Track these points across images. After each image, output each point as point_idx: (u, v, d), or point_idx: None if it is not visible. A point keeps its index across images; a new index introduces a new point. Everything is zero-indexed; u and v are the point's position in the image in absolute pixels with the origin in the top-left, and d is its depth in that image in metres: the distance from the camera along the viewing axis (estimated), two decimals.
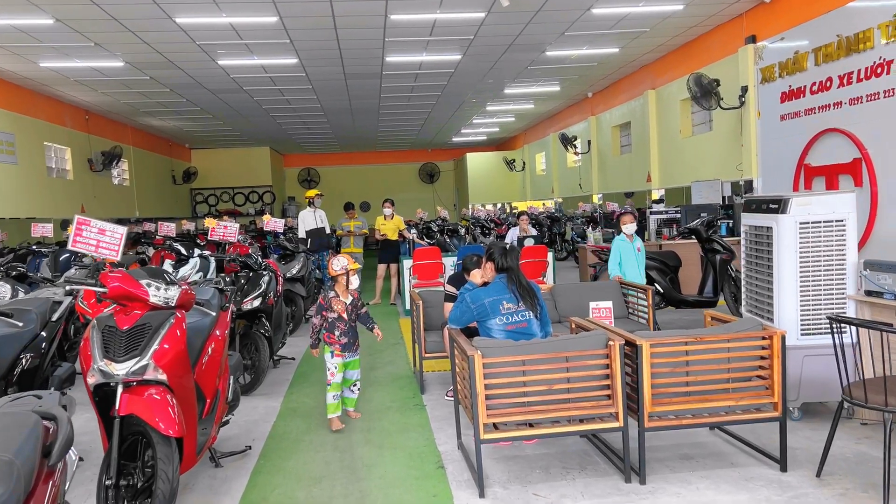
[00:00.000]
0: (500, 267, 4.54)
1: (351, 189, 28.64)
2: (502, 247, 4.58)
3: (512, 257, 4.52)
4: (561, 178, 21.77)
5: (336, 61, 12.75)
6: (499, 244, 4.62)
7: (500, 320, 4.39)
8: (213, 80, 13.86)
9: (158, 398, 3.67)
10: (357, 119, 20.18)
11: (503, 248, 4.57)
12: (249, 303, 6.59)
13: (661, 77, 14.10)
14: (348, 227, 12.80)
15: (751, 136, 10.76)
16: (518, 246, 11.29)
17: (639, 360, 3.97)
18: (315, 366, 7.58)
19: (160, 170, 22.47)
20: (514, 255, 4.53)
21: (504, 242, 4.56)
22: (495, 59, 13.12)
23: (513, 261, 4.51)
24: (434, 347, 6.18)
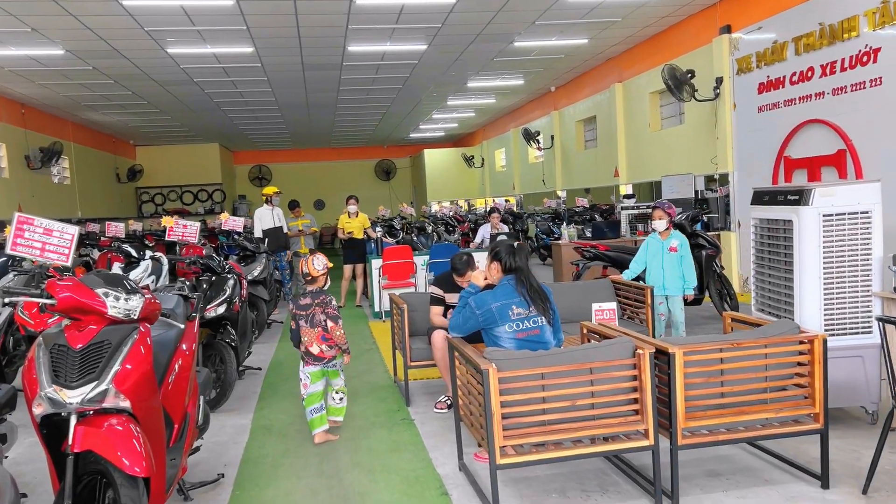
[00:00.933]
0: (507, 267, 4.06)
1: (304, 187, 27.87)
2: (509, 245, 4.10)
3: (521, 256, 4.05)
4: (522, 175, 21.45)
5: (295, 51, 12.09)
6: (505, 242, 4.15)
7: (510, 327, 3.91)
8: (161, 70, 13.04)
9: (121, 430, 3.08)
10: (313, 114, 19.47)
11: (510, 245, 4.10)
12: (213, 310, 5.97)
13: (628, 70, 13.84)
14: (296, 227, 12.19)
15: (726, 128, 10.53)
16: (490, 243, 10.87)
17: (671, 370, 3.54)
18: (284, 375, 6.99)
19: (103, 167, 21.34)
20: (523, 253, 4.07)
21: (511, 241, 4.04)
22: (461, 49, 12.65)
23: (522, 260, 4.05)
24: (420, 355, 5.68)
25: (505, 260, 4.06)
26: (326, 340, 4.99)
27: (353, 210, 11.25)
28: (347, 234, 11.17)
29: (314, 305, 5.01)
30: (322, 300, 5.04)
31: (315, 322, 4.98)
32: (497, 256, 4.10)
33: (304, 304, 5.06)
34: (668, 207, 6.81)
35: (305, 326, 5.00)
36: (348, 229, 11.17)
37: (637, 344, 3.61)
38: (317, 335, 4.98)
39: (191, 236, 7.77)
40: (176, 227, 7.64)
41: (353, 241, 11.24)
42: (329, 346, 5.00)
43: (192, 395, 4.09)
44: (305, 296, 5.09)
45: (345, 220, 11.30)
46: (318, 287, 5.11)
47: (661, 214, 6.88)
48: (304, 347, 5.02)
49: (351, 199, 11.36)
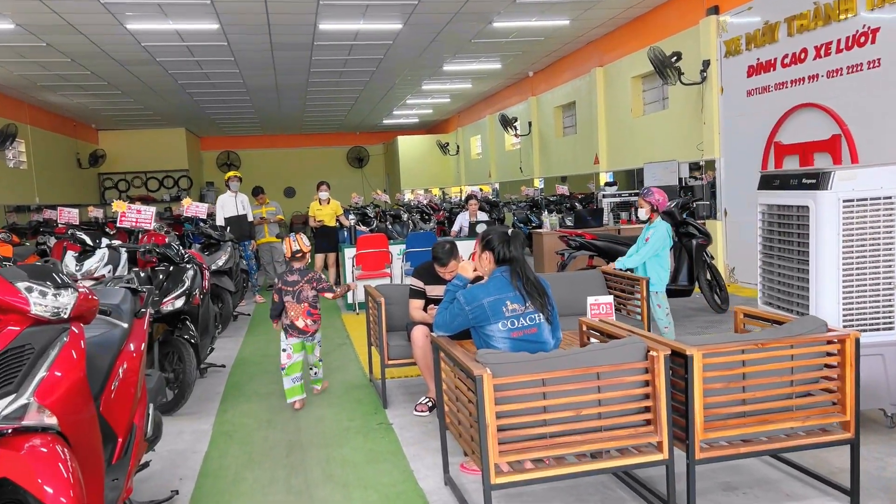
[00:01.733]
0: (501, 257, 3.60)
1: (274, 174, 27.16)
2: (502, 232, 3.63)
3: (516, 245, 3.59)
4: (499, 162, 21.01)
5: (263, 28, 11.47)
6: (497, 229, 3.68)
7: (504, 326, 3.45)
8: (120, 48, 12.33)
9: (45, 452, 2.56)
10: (283, 98, 18.80)
11: (504, 233, 3.63)
12: (171, 303, 5.43)
13: (609, 53, 13.44)
14: (260, 215, 11.62)
15: (713, 113, 10.17)
16: (469, 232, 10.41)
17: (688, 375, 3.12)
18: (250, 374, 6.47)
19: (63, 152, 20.44)
20: (518, 242, 3.60)
21: (504, 227, 3.58)
22: (438, 29, 12.13)
23: (517, 250, 3.59)
24: (399, 353, 5.20)
25: (498, 249, 3.59)
26: (311, 315, 5.39)
27: (324, 197, 10.71)
28: (318, 221, 10.65)
29: (302, 282, 5.37)
30: (310, 277, 5.40)
31: (302, 298, 5.36)
32: (489, 245, 3.63)
33: (292, 280, 5.40)
34: (647, 196, 6.41)
35: (292, 302, 5.35)
36: (319, 217, 10.64)
37: (650, 345, 3.17)
38: (303, 310, 5.37)
39: (145, 222, 7.17)
40: (128, 213, 7.03)
41: (324, 228, 10.72)
42: (313, 320, 5.41)
43: (141, 403, 3.57)
44: (293, 272, 5.42)
45: (316, 207, 10.76)
46: (305, 264, 5.51)
47: (641, 202, 6.49)
48: (288, 321, 5.36)
49: (322, 186, 10.81)
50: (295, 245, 5.44)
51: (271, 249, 11.97)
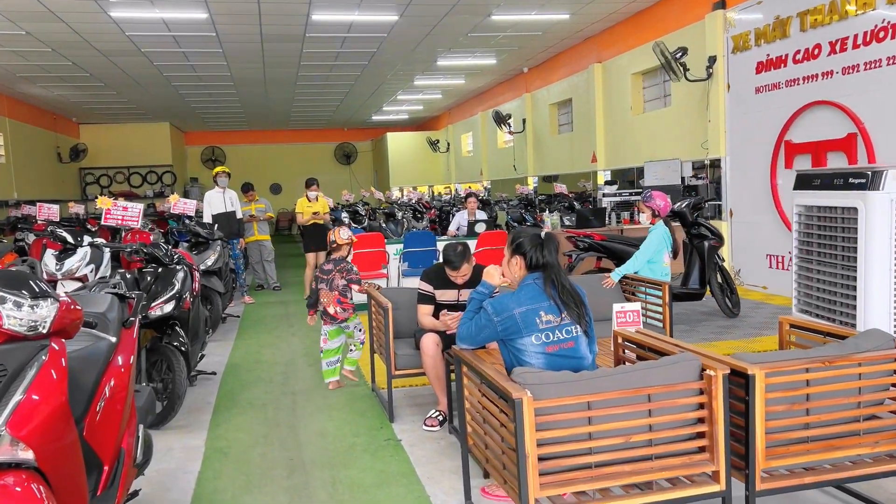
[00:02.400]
0: (533, 263, 3.25)
1: (260, 170, 26.62)
2: (535, 235, 3.28)
3: (550, 249, 3.24)
4: (491, 160, 20.67)
5: (253, 19, 11.04)
6: (528, 230, 3.32)
7: (537, 339, 3.10)
8: (104, 37, 11.84)
9: (18, 492, 2.19)
10: (271, 92, 18.34)
11: (536, 236, 3.28)
12: (160, 308, 5.03)
13: (608, 49, 13.13)
14: (249, 212, 11.22)
15: (718, 111, 9.89)
16: (468, 231, 10.06)
17: (749, 396, 2.79)
18: (243, 381, 6.08)
19: (43, 146, 19.83)
20: (552, 246, 3.26)
21: (537, 228, 3.22)
22: (435, 22, 11.75)
23: (552, 254, 3.24)
24: (406, 363, 4.84)
25: (530, 254, 3.24)
26: (341, 304, 5.62)
27: (313, 195, 10.35)
28: (312, 215, 10.26)
29: (335, 271, 5.67)
30: (342, 267, 5.70)
31: (333, 286, 5.63)
32: (520, 249, 3.28)
33: (327, 269, 5.72)
34: (647, 200, 6.20)
35: (325, 289, 5.64)
36: (308, 213, 10.26)
37: (705, 362, 2.84)
38: (333, 298, 5.62)
39: (132, 220, 6.75)
40: (114, 210, 6.61)
41: (316, 226, 10.34)
42: (343, 308, 5.64)
43: (129, 423, 3.19)
44: (328, 262, 5.76)
45: (305, 204, 10.37)
46: (342, 255, 5.77)
47: (642, 207, 6.24)
48: (322, 308, 5.64)
49: (313, 185, 10.43)
50: (332, 236, 5.83)
51: (260, 248, 11.56)
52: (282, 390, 5.81)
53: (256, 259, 11.70)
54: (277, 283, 11.81)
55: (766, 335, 6.90)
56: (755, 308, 8.24)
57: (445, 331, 4.68)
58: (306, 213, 10.32)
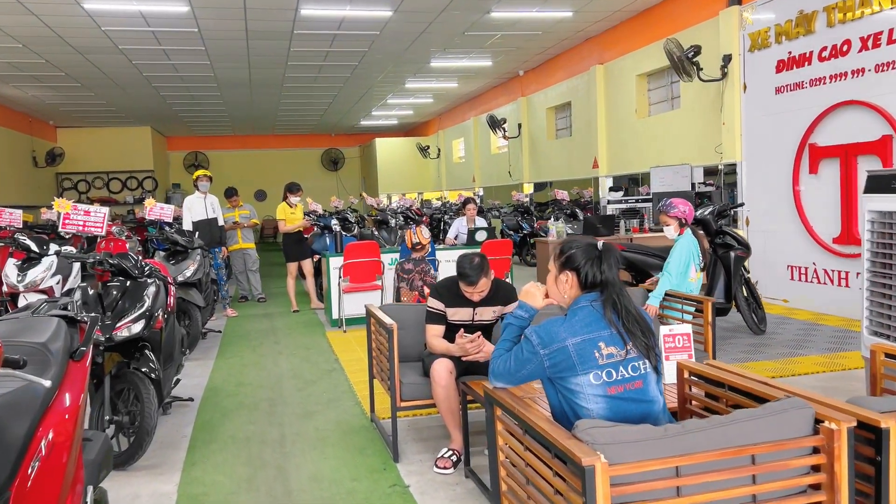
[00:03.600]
0: (589, 280, 2.59)
1: (244, 176, 25.75)
2: (590, 245, 2.62)
3: (610, 264, 2.59)
4: (484, 166, 20.05)
5: (238, 13, 10.37)
6: (580, 240, 2.67)
7: (597, 378, 2.44)
8: (78, 33, 11.12)
9: None
10: (256, 94, 17.63)
11: (591, 247, 2.62)
12: (126, 328, 4.33)
13: (610, 50, 12.57)
14: (233, 219, 10.55)
15: (734, 112, 9.32)
16: (467, 239, 9.41)
17: (882, 457, 2.15)
18: (224, 409, 5.38)
19: (17, 149, 18.98)
20: (612, 259, 2.60)
21: (590, 237, 2.54)
22: (431, 18, 11.13)
23: (611, 270, 2.59)
24: (414, 393, 4.17)
25: (585, 269, 2.58)
26: (420, 303, 5.36)
27: (295, 201, 9.72)
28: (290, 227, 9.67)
29: (414, 272, 5.94)
30: (421, 269, 5.94)
31: (413, 286, 5.90)
32: (572, 263, 2.62)
33: (408, 268, 6.06)
34: (669, 210, 5.54)
35: (406, 289, 5.91)
36: (290, 221, 9.64)
37: (821, 412, 2.20)
38: (413, 298, 5.87)
39: (95, 226, 6.02)
40: (74, 215, 5.87)
41: (297, 234, 9.76)
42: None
43: (73, 486, 2.50)
44: (409, 262, 6.01)
45: (287, 210, 9.71)
46: (422, 256, 6.03)
47: (665, 219, 5.58)
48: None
49: (299, 191, 9.82)
50: (415, 238, 6.03)
51: (244, 256, 10.86)
52: (268, 420, 5.11)
53: (240, 269, 10.99)
54: (262, 294, 11.11)
55: (801, 355, 6.30)
56: (780, 324, 7.65)
57: (461, 356, 4.03)
58: (290, 220, 9.67)
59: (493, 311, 4.26)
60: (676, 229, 5.36)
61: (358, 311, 8.60)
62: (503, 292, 4.27)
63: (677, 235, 5.38)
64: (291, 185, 9.91)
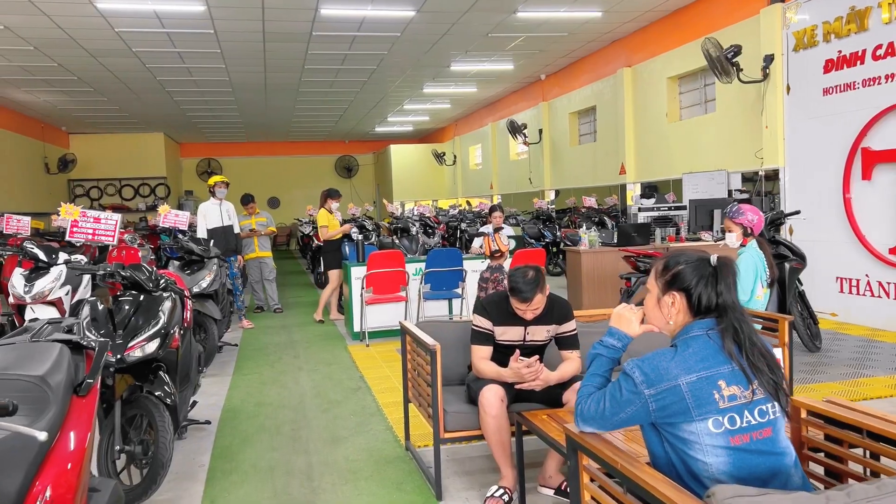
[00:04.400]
0: (703, 304, 2.14)
1: (258, 183, 25.36)
2: (701, 260, 2.17)
3: (727, 283, 2.13)
4: (502, 173, 19.63)
5: (255, 12, 10.00)
6: (688, 254, 2.21)
7: (718, 425, 1.98)
8: (90, 35, 10.78)
9: None
10: (271, 100, 17.29)
11: (703, 262, 2.16)
12: (140, 348, 3.90)
13: (639, 52, 12.13)
14: (249, 226, 10.16)
15: (776, 115, 8.85)
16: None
17: None
18: (244, 433, 4.94)
19: (29, 155, 18.73)
20: (729, 278, 2.14)
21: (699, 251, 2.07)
22: (455, 19, 10.73)
23: (730, 291, 2.13)
24: (460, 423, 3.72)
25: (698, 290, 2.13)
26: None
27: (335, 207, 9.38)
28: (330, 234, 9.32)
29: (490, 280, 6.01)
30: (495, 277, 5.95)
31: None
32: (681, 282, 2.17)
33: (486, 276, 6.19)
34: (736, 216, 4.97)
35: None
36: (332, 229, 9.28)
37: None
38: None
39: (106, 235, 5.60)
40: (83, 222, 5.47)
41: (335, 242, 9.41)
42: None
43: None
44: (487, 270, 6.05)
45: (328, 217, 9.36)
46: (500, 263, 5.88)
47: (730, 225, 5.02)
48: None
49: (339, 197, 9.48)
50: (493, 245, 5.89)
51: (261, 265, 10.47)
52: (292, 447, 4.68)
53: (256, 278, 10.59)
54: (279, 304, 10.70)
55: (866, 376, 5.81)
56: (834, 340, 7.16)
57: (514, 383, 3.58)
58: (332, 226, 9.31)
59: (546, 330, 3.81)
60: (739, 238, 4.88)
61: (381, 323, 8.19)
62: (558, 309, 3.83)
63: (740, 246, 4.89)
64: (332, 190, 9.57)
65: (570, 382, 3.69)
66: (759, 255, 4.92)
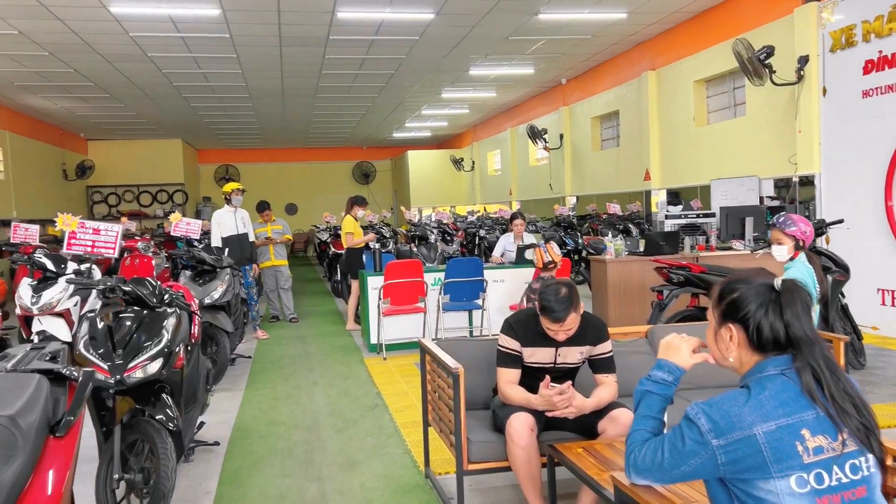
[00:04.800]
0: (763, 337, 1.80)
1: (275, 189, 25.29)
2: (763, 285, 1.82)
3: (795, 311, 1.78)
4: (521, 179, 19.30)
5: (271, 16, 9.78)
6: (749, 276, 1.88)
7: (802, 483, 1.66)
8: (105, 39, 10.62)
9: None
10: (288, 105, 17.11)
11: (766, 287, 1.81)
12: (140, 369, 3.64)
13: (664, 55, 11.78)
14: (265, 234, 9.93)
15: (811, 119, 8.47)
16: (517, 258, 8.66)
17: None
18: (255, 456, 4.66)
19: (48, 162, 18.68)
20: (799, 303, 1.81)
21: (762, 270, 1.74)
22: (475, 21, 10.45)
23: (801, 320, 1.80)
24: (485, 453, 3.41)
25: (757, 320, 1.80)
26: None
27: (362, 214, 9.19)
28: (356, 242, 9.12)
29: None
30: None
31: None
32: (735, 311, 1.83)
33: (535, 288, 5.75)
34: (786, 226, 4.57)
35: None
36: (358, 236, 9.05)
37: None
38: None
39: (106, 247, 5.32)
40: (81, 233, 5.21)
41: (362, 249, 9.18)
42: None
43: None
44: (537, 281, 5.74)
45: (356, 225, 9.16)
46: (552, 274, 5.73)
47: (779, 236, 4.61)
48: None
49: (365, 204, 9.39)
50: (547, 256, 5.80)
51: (276, 274, 10.22)
52: (304, 472, 4.39)
53: (271, 287, 10.35)
54: (294, 314, 10.46)
55: None
56: (878, 356, 6.77)
57: (546, 411, 3.27)
58: (358, 233, 9.09)
59: (579, 352, 3.50)
60: (791, 251, 4.52)
61: (398, 335, 7.91)
62: (592, 329, 3.51)
63: (789, 259, 4.54)
64: (358, 197, 9.38)
65: (606, 410, 3.38)
66: (809, 269, 4.56)
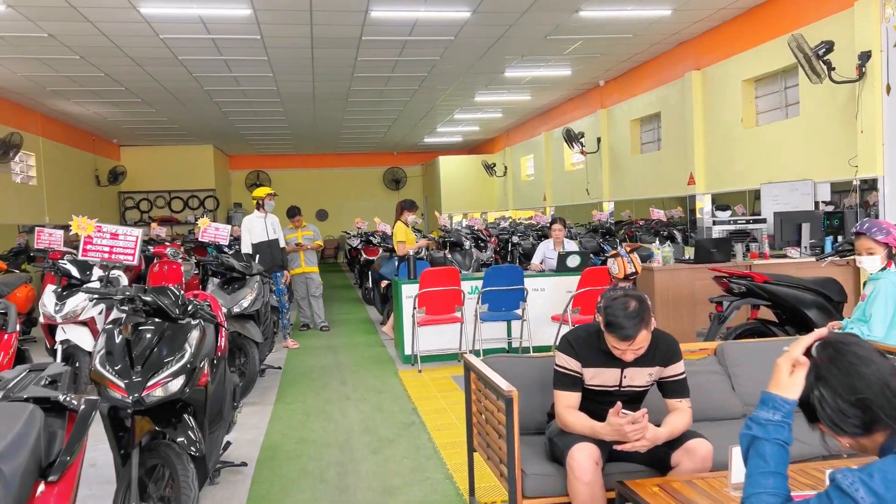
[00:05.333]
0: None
1: (305, 195, 24.94)
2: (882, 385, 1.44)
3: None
4: (556, 184, 18.83)
5: (303, 16, 9.51)
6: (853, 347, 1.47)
7: None
8: (135, 41, 10.45)
9: None
10: (319, 110, 16.89)
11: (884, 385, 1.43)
12: (161, 387, 3.32)
13: (709, 54, 11.28)
14: (296, 240, 9.65)
15: (874, 119, 7.93)
16: (557, 266, 8.25)
17: None
18: (285, 479, 4.32)
19: (81, 168, 18.70)
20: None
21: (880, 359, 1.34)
22: (512, 20, 10.07)
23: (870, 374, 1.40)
24: (542, 487, 3.03)
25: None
26: None
27: (412, 219, 8.91)
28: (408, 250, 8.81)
29: None
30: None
31: None
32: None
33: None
34: (876, 233, 4.06)
35: None
36: (409, 244, 8.73)
37: None
38: None
39: (124, 254, 5.04)
40: (97, 238, 4.92)
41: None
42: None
43: None
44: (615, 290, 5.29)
45: (407, 231, 8.85)
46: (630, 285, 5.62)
47: (870, 245, 4.11)
48: None
49: (416, 208, 9.02)
50: (629, 267, 5.58)
51: (307, 281, 9.95)
52: (338, 498, 4.04)
53: (302, 294, 10.08)
54: (325, 322, 10.16)
55: None
56: None
57: (614, 441, 2.88)
58: (410, 240, 8.78)
59: (648, 373, 3.10)
60: (884, 260, 4.05)
61: (434, 346, 7.55)
62: (664, 348, 3.11)
63: (880, 269, 4.07)
64: (408, 202, 9.09)
65: (681, 439, 2.97)
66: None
